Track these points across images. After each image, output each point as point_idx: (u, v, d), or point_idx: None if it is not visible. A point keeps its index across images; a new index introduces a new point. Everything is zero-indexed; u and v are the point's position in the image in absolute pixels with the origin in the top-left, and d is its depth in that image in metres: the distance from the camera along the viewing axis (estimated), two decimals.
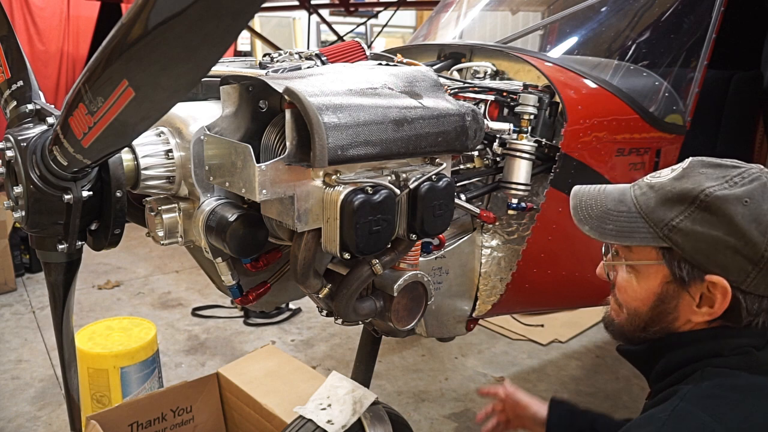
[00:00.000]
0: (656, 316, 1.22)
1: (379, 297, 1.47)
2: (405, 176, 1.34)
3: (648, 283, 1.21)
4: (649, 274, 1.20)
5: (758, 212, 1.10)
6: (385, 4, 6.37)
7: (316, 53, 1.60)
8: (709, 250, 1.12)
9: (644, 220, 1.18)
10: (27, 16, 6.01)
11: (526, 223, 1.90)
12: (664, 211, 1.16)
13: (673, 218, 1.14)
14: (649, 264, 1.20)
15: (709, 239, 1.11)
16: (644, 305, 1.22)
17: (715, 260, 1.12)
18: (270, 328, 3.95)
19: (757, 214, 1.10)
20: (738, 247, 1.10)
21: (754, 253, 1.09)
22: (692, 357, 1.18)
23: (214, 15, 0.77)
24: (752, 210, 1.10)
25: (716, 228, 1.11)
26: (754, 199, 1.11)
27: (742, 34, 3.35)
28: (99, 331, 2.76)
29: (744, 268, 1.10)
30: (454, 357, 3.60)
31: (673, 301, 1.18)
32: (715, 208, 1.11)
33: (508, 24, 2.74)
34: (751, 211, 1.10)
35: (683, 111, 2.23)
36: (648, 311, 1.22)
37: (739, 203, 1.10)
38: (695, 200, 1.13)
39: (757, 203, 1.10)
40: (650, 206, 1.18)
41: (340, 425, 1.78)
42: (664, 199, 1.17)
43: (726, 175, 1.15)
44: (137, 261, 5.06)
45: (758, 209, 1.10)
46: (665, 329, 1.22)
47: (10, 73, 1.41)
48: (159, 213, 1.41)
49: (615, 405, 3.11)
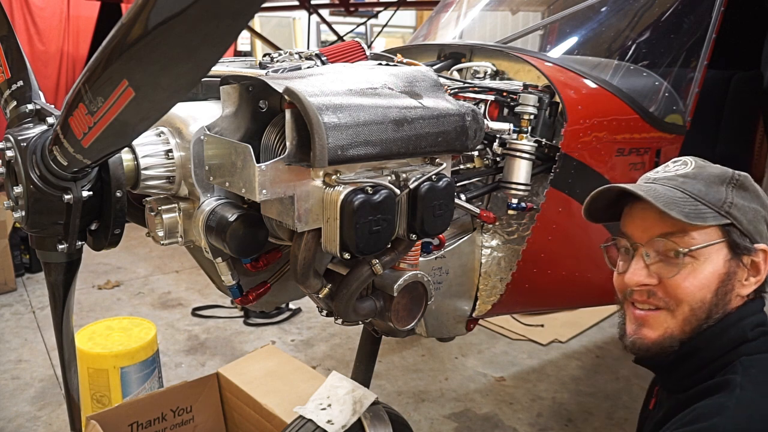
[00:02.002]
0: (720, 299, 1.24)
1: (379, 297, 1.47)
2: (405, 176, 1.34)
3: (713, 265, 1.23)
4: (712, 255, 1.23)
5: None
6: (385, 4, 6.37)
7: (316, 53, 1.60)
8: (755, 221, 1.25)
9: (703, 203, 1.23)
10: (27, 16, 6.01)
11: (526, 223, 1.90)
12: (717, 192, 1.25)
13: (727, 196, 1.25)
14: (713, 244, 1.22)
15: (753, 211, 1.26)
16: (711, 291, 1.23)
17: (758, 229, 1.26)
18: (270, 328, 3.95)
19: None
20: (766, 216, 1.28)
21: None
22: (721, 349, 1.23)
23: (214, 15, 0.77)
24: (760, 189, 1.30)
25: (753, 201, 1.27)
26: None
27: (742, 34, 3.35)
28: (99, 331, 2.76)
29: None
30: (454, 357, 3.60)
31: (734, 278, 1.25)
32: (747, 185, 1.28)
33: (508, 24, 2.74)
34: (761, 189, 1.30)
35: (683, 111, 2.23)
36: (714, 296, 1.23)
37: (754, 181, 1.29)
38: (732, 179, 1.27)
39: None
40: (702, 190, 1.25)
41: (340, 425, 1.78)
42: (709, 182, 1.26)
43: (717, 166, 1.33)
44: (137, 261, 5.06)
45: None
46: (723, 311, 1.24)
47: (10, 73, 1.41)
48: (159, 213, 1.41)
49: (615, 405, 3.12)
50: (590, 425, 2.98)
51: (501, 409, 3.09)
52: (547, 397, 3.21)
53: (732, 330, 1.23)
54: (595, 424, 2.99)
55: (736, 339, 1.22)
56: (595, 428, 2.96)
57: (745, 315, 1.24)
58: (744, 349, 1.21)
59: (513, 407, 3.10)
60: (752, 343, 1.21)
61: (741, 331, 1.22)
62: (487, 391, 3.25)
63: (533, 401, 3.16)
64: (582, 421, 3.01)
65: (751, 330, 1.22)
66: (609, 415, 3.04)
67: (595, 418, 3.03)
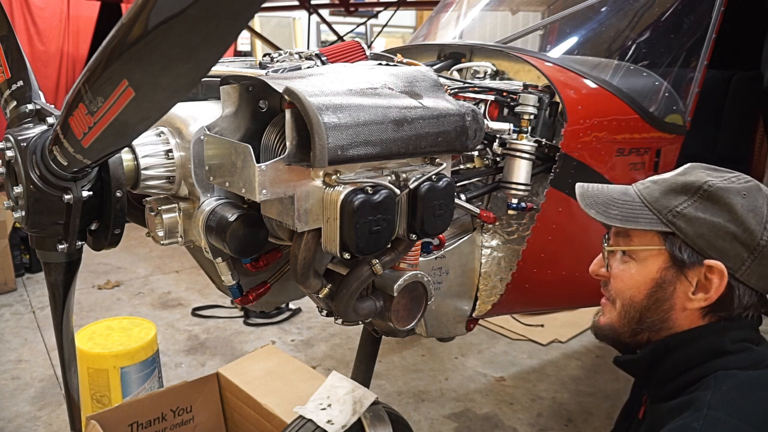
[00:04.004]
0: (653, 305, 1.26)
1: (379, 297, 1.47)
2: (405, 176, 1.34)
3: (646, 269, 1.26)
4: (648, 259, 1.26)
5: (755, 204, 1.19)
6: (385, 4, 6.37)
7: (316, 53, 1.60)
8: (710, 236, 1.19)
9: (648, 208, 1.26)
10: (27, 16, 6.01)
11: (526, 223, 1.90)
12: (668, 200, 1.24)
13: (677, 205, 1.22)
14: (650, 249, 1.25)
15: (710, 225, 1.19)
16: (641, 293, 1.27)
17: (714, 245, 1.19)
18: (270, 328, 3.95)
19: (755, 206, 1.19)
20: (737, 233, 1.18)
21: (752, 240, 1.18)
22: (698, 356, 1.20)
23: (214, 15, 0.77)
24: (750, 202, 1.19)
25: (718, 215, 1.19)
26: (751, 193, 1.20)
27: (742, 34, 3.35)
28: (99, 331, 2.76)
29: (740, 255, 1.18)
30: (454, 357, 3.60)
31: (669, 288, 1.24)
32: (717, 197, 1.20)
33: (508, 24, 2.74)
34: (749, 203, 1.19)
35: (683, 111, 2.23)
36: (644, 299, 1.26)
37: (739, 195, 1.19)
38: (699, 190, 1.21)
39: (753, 197, 1.20)
40: (654, 196, 1.26)
41: (340, 425, 1.78)
42: (668, 190, 1.25)
43: (723, 176, 1.24)
44: (137, 261, 5.06)
45: (755, 202, 1.19)
46: (660, 320, 1.26)
47: (10, 73, 1.41)
48: (159, 213, 1.41)
49: (615, 405, 3.11)
50: (590, 425, 2.98)
51: (501, 409, 3.09)
52: (547, 397, 3.21)
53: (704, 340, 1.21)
54: (595, 424, 2.99)
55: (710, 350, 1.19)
56: (595, 428, 2.96)
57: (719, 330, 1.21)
58: (721, 362, 1.18)
59: (513, 407, 3.10)
60: (732, 356, 1.18)
61: (717, 344, 1.19)
62: (487, 391, 3.25)
63: (533, 401, 3.16)
64: (582, 421, 3.01)
65: (733, 343, 1.19)
66: (609, 415, 3.04)
67: (595, 418, 3.03)
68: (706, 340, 1.21)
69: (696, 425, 1.07)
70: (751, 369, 1.17)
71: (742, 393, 1.13)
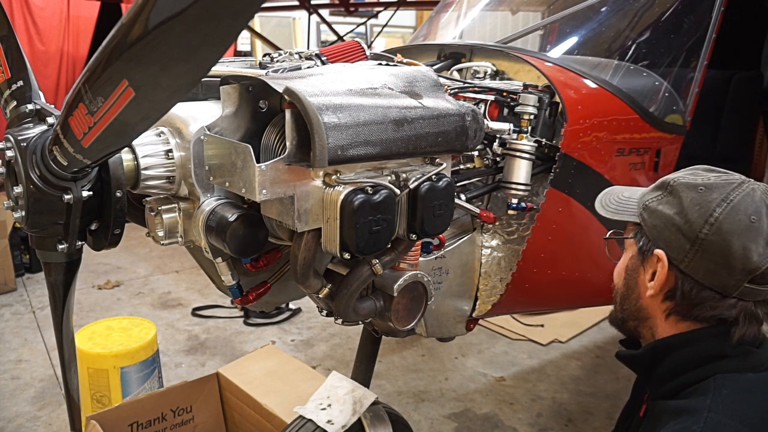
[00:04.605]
0: (626, 291, 1.35)
1: (379, 297, 1.47)
2: (405, 176, 1.34)
3: (626, 257, 1.38)
4: (628, 249, 1.36)
5: (705, 199, 1.21)
6: (385, 4, 6.37)
7: (316, 53, 1.59)
8: (661, 227, 1.26)
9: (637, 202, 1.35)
10: (27, 16, 6.01)
11: (526, 223, 1.90)
12: (647, 194, 1.33)
13: (650, 200, 1.30)
14: (627, 239, 1.36)
15: (663, 217, 1.26)
16: (621, 279, 1.37)
17: (662, 236, 1.26)
18: (270, 328, 3.95)
19: (704, 201, 1.21)
20: (680, 225, 1.23)
21: (691, 232, 1.21)
22: (698, 358, 1.21)
23: (214, 15, 0.77)
24: (702, 196, 1.22)
25: (669, 208, 1.26)
26: (709, 188, 1.22)
27: (742, 34, 3.35)
28: (99, 331, 2.76)
29: (683, 246, 1.22)
30: (454, 357, 3.60)
31: (635, 275, 1.32)
32: (676, 192, 1.26)
33: (508, 24, 2.74)
34: (700, 197, 1.22)
35: (683, 111, 2.23)
36: (622, 286, 1.37)
37: (694, 190, 1.23)
38: (667, 186, 1.29)
39: (709, 192, 1.22)
40: (644, 191, 1.35)
41: (340, 425, 1.78)
42: (655, 186, 1.33)
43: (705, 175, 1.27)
44: (137, 261, 5.06)
45: (707, 197, 1.21)
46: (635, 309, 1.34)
47: (10, 73, 1.41)
48: (159, 213, 1.41)
49: (615, 405, 3.11)
50: (590, 425, 2.98)
51: (501, 409, 3.09)
52: (547, 397, 3.21)
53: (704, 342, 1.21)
54: (595, 424, 2.99)
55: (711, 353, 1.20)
56: (595, 428, 2.96)
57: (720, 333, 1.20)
58: (720, 365, 1.18)
59: (513, 407, 3.10)
60: (731, 359, 1.19)
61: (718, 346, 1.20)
62: (487, 391, 3.25)
63: (533, 401, 3.16)
64: (582, 421, 3.01)
65: (733, 348, 1.19)
66: (609, 415, 3.04)
67: (595, 418, 3.03)
68: (707, 343, 1.21)
69: (696, 428, 1.08)
70: (751, 372, 1.17)
71: (741, 396, 1.13)
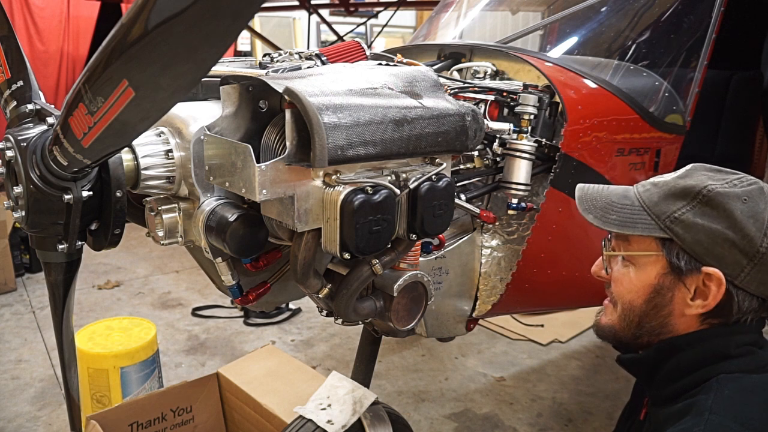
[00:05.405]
0: (651, 310, 1.25)
1: (379, 297, 1.47)
2: (405, 176, 1.34)
3: (645, 274, 1.25)
4: (647, 265, 1.24)
5: (756, 210, 1.16)
6: (385, 4, 6.37)
7: (316, 53, 1.59)
8: (708, 243, 1.17)
9: (647, 213, 1.24)
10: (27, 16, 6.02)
11: (526, 223, 1.90)
12: (667, 205, 1.21)
13: (676, 211, 1.20)
14: (648, 255, 1.23)
15: (708, 232, 1.16)
16: (639, 297, 1.26)
17: (713, 252, 1.17)
18: (270, 328, 3.95)
19: (755, 212, 1.16)
20: (735, 240, 1.15)
21: (750, 247, 1.15)
22: (701, 359, 1.20)
23: (214, 15, 0.77)
24: (750, 207, 1.16)
25: (716, 222, 1.16)
26: (752, 198, 1.16)
27: (742, 34, 3.35)
28: (99, 331, 2.76)
29: (739, 262, 1.16)
30: (454, 357, 3.60)
31: (668, 294, 1.22)
32: (716, 203, 1.17)
33: (508, 24, 2.74)
34: (749, 208, 1.16)
35: (683, 111, 2.23)
36: (643, 304, 1.26)
37: (739, 200, 1.16)
38: (698, 195, 1.19)
39: (755, 202, 1.16)
40: (653, 200, 1.24)
41: (340, 425, 1.78)
42: (667, 194, 1.23)
43: (726, 178, 1.21)
44: (137, 261, 5.06)
45: (755, 207, 1.16)
46: (660, 325, 1.25)
47: (10, 73, 1.40)
48: (159, 213, 1.41)
49: (615, 405, 3.11)
50: (590, 425, 2.98)
51: (501, 409, 3.09)
52: (547, 397, 3.21)
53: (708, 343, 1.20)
54: (595, 424, 2.99)
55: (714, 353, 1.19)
56: (595, 428, 2.96)
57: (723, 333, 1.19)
58: (724, 366, 1.17)
59: (513, 407, 3.10)
60: (734, 360, 1.17)
61: (721, 347, 1.18)
62: (487, 391, 3.25)
63: (533, 401, 3.16)
64: (582, 421, 3.01)
65: (736, 347, 1.18)
66: (609, 415, 3.04)
67: (595, 418, 3.03)
68: (711, 343, 1.20)
69: (697, 429, 1.07)
70: (754, 373, 1.16)
71: (743, 397, 1.12)
